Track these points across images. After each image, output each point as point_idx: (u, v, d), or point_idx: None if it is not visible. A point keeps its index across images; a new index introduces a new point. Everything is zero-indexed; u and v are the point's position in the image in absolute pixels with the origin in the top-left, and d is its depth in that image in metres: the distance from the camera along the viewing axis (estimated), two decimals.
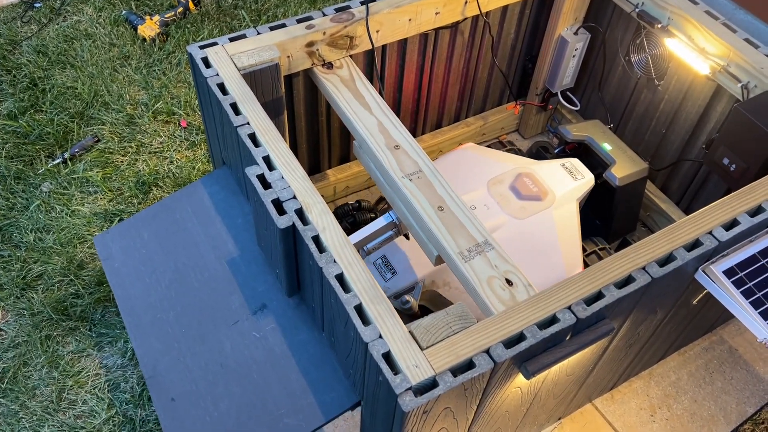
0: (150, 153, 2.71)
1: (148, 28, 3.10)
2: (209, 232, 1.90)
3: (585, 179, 2.14)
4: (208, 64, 1.80)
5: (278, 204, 1.52)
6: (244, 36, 1.88)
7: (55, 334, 2.19)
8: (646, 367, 2.18)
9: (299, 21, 1.94)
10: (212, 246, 1.86)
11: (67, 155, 2.65)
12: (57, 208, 2.50)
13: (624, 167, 2.18)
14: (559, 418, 2.06)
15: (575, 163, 2.18)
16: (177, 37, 3.13)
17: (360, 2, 1.99)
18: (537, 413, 1.81)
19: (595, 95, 2.59)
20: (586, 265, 2.19)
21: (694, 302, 1.79)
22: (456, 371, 1.27)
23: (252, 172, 1.56)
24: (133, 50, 3.07)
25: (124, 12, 3.22)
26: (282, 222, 1.47)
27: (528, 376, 1.37)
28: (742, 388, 2.15)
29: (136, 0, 3.33)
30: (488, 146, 2.71)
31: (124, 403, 2.06)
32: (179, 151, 2.71)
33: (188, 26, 3.19)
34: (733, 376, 2.18)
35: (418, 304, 1.99)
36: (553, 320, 1.36)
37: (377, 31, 2.02)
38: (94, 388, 2.09)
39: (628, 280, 1.43)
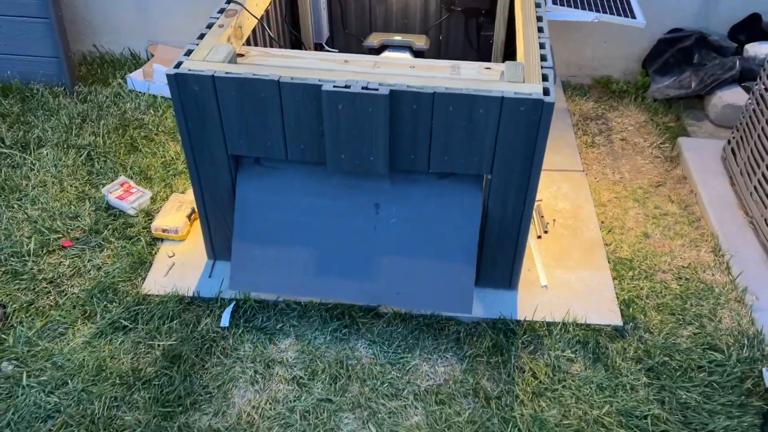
0: (70, 277, 2.52)
1: None
2: (289, 205, 2.22)
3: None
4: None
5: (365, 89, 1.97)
6: (190, 51, 2.15)
7: None
8: None
9: (208, 27, 2.28)
10: (302, 212, 2.18)
11: None
12: (42, 366, 2.20)
13: (419, 41, 3.11)
14: None
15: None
16: None
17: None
18: None
19: (343, 35, 3.44)
20: None
21: None
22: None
23: (332, 87, 1.97)
24: None
25: None
26: (384, 89, 1.95)
27: None
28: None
29: None
30: None
31: None
32: (96, 257, 2.59)
33: None
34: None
35: None
36: None
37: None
38: None
39: None
